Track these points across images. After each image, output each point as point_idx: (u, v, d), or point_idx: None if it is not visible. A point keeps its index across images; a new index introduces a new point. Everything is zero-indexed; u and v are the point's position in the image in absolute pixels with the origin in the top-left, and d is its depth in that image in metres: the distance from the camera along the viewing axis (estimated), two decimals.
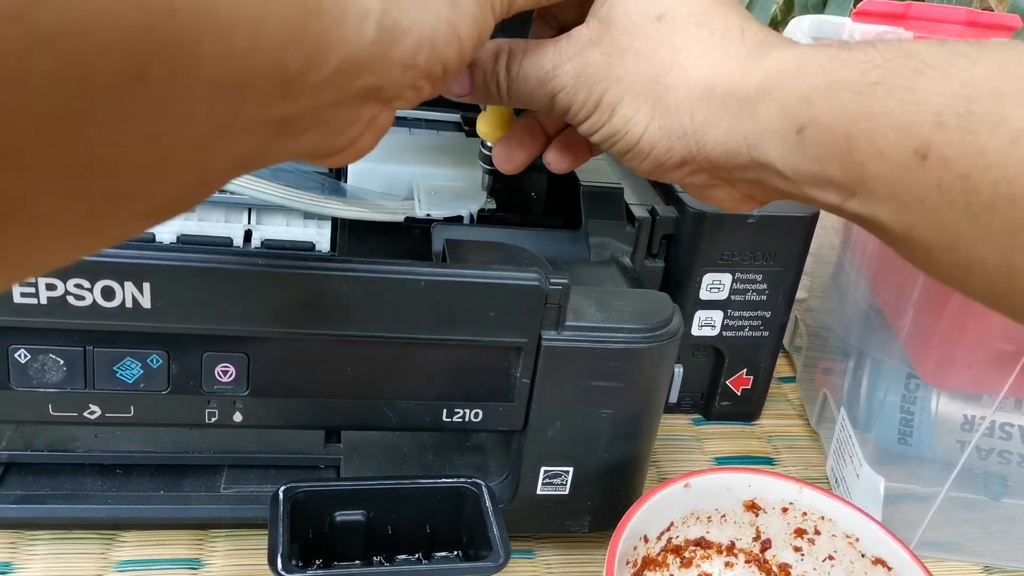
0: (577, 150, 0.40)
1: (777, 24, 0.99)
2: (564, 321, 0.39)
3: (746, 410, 0.56)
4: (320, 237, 0.55)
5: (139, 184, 0.19)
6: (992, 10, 0.90)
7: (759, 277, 0.51)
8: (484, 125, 0.42)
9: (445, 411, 0.40)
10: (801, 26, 0.66)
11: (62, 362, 0.36)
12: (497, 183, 0.51)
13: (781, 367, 0.61)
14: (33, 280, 0.34)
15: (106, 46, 0.17)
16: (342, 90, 0.24)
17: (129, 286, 0.35)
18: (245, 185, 0.47)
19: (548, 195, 0.58)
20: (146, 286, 0.35)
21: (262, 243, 0.56)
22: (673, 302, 0.42)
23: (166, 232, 0.54)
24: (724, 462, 0.53)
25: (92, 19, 0.16)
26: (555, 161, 0.40)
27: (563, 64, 0.34)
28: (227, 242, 0.56)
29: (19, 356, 0.36)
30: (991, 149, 0.25)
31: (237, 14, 0.20)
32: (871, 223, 0.29)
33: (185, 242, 0.55)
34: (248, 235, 0.56)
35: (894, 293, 0.46)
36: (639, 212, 0.49)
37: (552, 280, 0.38)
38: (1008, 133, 0.25)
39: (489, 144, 0.43)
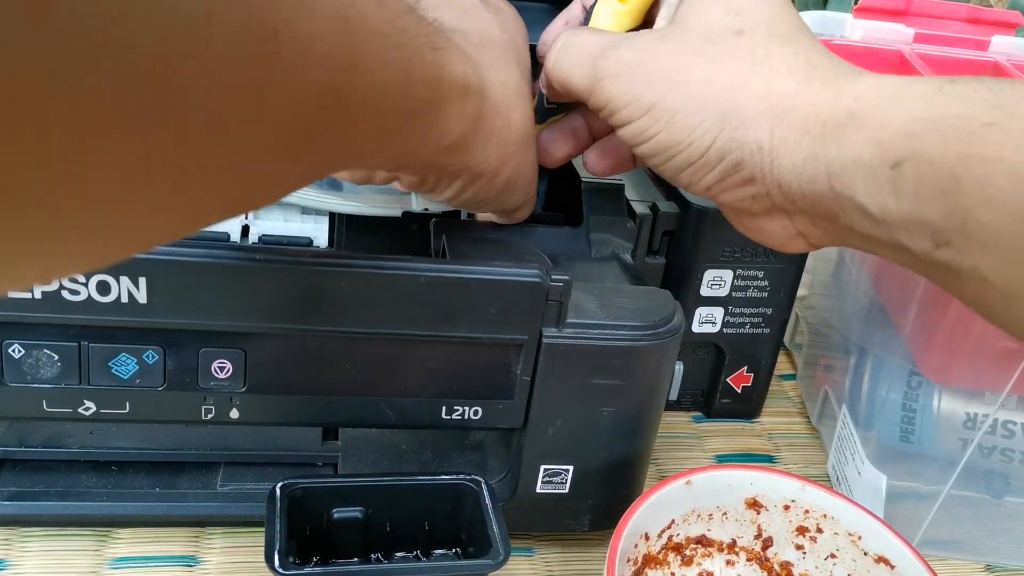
0: (620, 155, 0.39)
1: None
2: (565, 318, 0.38)
3: (747, 408, 0.56)
4: (318, 233, 0.54)
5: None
6: (992, 6, 0.89)
7: (760, 274, 0.51)
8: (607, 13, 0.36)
9: (444, 409, 0.39)
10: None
11: (56, 357, 0.35)
12: None
13: (782, 365, 0.60)
14: None
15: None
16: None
17: (125, 281, 0.34)
18: None
19: (548, 191, 0.58)
20: (142, 281, 0.34)
21: (259, 238, 0.55)
22: (674, 299, 0.42)
23: None
24: (724, 460, 0.52)
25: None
26: (594, 163, 0.39)
27: (618, 47, 0.32)
28: (224, 237, 0.55)
29: (13, 351, 0.35)
30: None
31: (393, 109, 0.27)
32: (961, 273, 0.27)
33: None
34: (245, 230, 0.55)
35: (897, 290, 0.46)
36: (640, 208, 0.49)
37: (553, 277, 0.37)
38: None
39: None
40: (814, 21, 0.66)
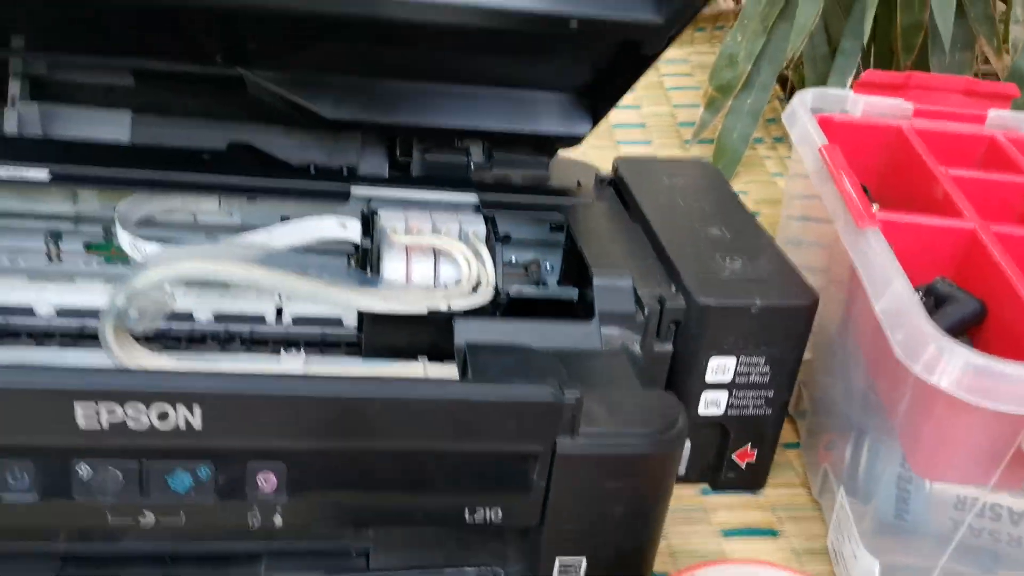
0: None
1: (791, 89, 1.01)
2: (578, 428, 0.42)
3: (751, 479, 0.59)
4: (347, 313, 0.58)
5: None
6: (994, 68, 0.92)
7: (762, 360, 0.54)
8: None
9: (467, 511, 0.43)
10: (803, 99, 0.68)
11: (120, 475, 0.39)
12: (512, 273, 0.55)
13: (785, 433, 0.63)
14: (95, 405, 0.37)
15: None
16: None
17: (181, 409, 0.38)
18: (275, 282, 0.50)
19: (563, 268, 0.62)
20: (197, 409, 0.38)
21: (292, 319, 0.59)
22: (679, 399, 0.46)
23: (203, 310, 0.58)
24: (730, 535, 0.56)
25: None
26: None
27: None
28: (260, 318, 0.59)
29: (81, 471, 0.39)
30: None
31: None
32: None
33: (220, 318, 0.59)
34: (279, 312, 0.60)
35: (889, 384, 0.49)
36: (648, 302, 0.52)
37: (567, 394, 0.41)
38: None
39: None
40: (816, 96, 0.69)
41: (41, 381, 0.37)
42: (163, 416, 0.38)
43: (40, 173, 0.55)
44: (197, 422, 0.38)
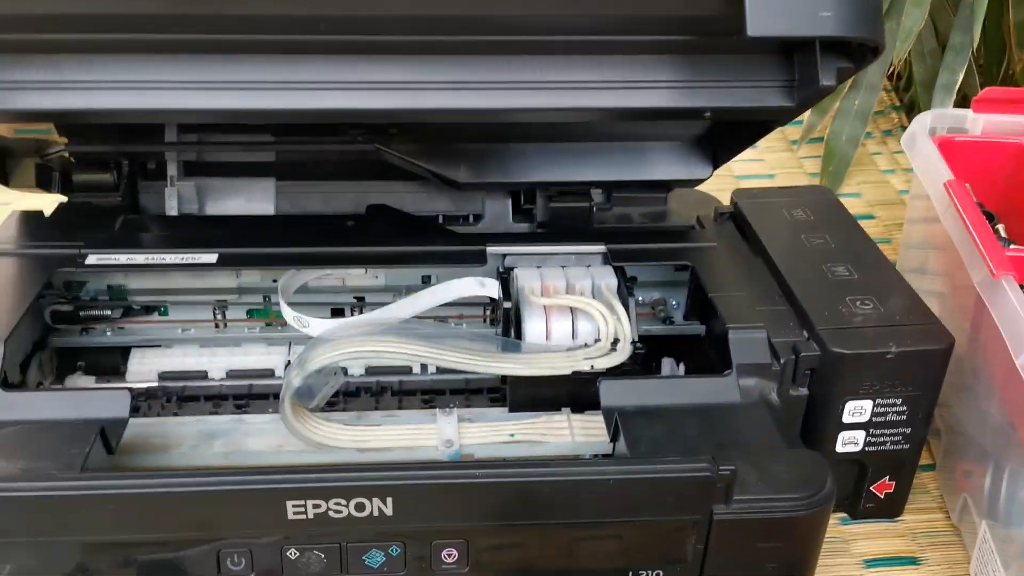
0: None
1: (911, 105, 1.00)
2: (731, 498, 0.45)
3: (889, 508, 0.61)
4: None
5: None
6: None
7: (899, 401, 0.56)
8: None
9: (631, 575, 0.46)
10: (923, 122, 0.69)
11: (323, 556, 0.44)
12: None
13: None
14: (303, 502, 0.42)
15: None
16: None
17: (376, 500, 0.43)
18: (432, 356, 0.55)
19: (687, 314, 0.64)
20: (389, 500, 0.43)
21: (437, 369, 0.64)
22: (817, 438, 0.48)
23: (357, 367, 0.63)
24: (872, 564, 0.58)
25: None
26: None
27: None
28: (407, 370, 0.64)
29: (290, 555, 0.44)
30: None
31: None
32: None
33: (371, 371, 0.63)
34: (424, 367, 0.64)
35: None
36: (783, 352, 0.55)
37: (722, 468, 0.44)
38: None
39: None
40: (935, 117, 0.69)
41: (258, 483, 0.42)
42: (360, 507, 0.43)
43: (210, 257, 0.60)
44: (389, 510, 0.43)
